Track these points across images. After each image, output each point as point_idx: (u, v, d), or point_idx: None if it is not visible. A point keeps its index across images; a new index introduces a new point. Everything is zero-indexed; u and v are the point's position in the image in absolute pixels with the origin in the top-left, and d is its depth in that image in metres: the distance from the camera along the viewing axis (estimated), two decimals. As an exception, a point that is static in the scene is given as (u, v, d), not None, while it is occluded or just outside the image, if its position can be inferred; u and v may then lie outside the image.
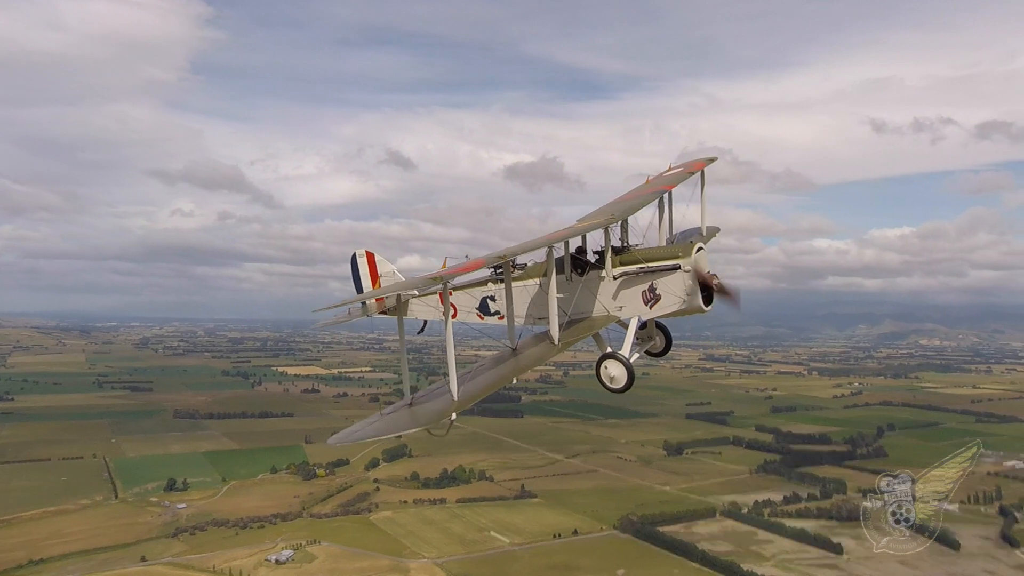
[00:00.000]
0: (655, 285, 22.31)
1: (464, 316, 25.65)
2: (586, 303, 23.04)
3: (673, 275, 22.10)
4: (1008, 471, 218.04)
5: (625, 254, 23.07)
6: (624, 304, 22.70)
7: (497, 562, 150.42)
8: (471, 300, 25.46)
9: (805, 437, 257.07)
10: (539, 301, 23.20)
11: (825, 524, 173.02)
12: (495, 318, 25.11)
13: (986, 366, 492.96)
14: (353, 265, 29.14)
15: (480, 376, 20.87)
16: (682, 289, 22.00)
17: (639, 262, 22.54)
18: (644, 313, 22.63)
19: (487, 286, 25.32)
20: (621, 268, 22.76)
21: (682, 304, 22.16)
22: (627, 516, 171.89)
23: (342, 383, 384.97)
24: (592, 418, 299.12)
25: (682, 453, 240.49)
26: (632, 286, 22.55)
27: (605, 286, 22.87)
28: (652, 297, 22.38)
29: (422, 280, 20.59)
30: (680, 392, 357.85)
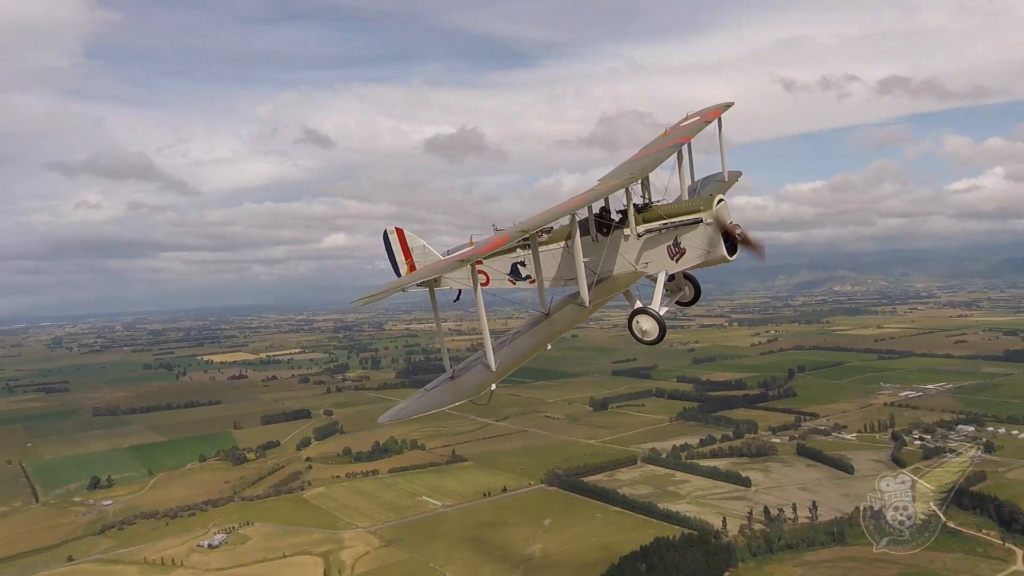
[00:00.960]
0: (679, 239, 22.89)
1: (496, 283, 26.45)
2: (613, 262, 23.64)
3: (696, 228, 22.68)
4: (902, 401, 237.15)
5: (648, 211, 23.57)
6: (650, 260, 23.31)
7: (429, 524, 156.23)
8: (502, 266, 26.26)
9: (722, 384, 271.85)
10: (567, 263, 23.77)
11: (737, 461, 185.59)
12: (526, 282, 25.79)
13: (891, 307, 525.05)
14: (385, 241, 29.93)
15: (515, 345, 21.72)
16: (705, 242, 22.64)
17: (662, 218, 23.09)
18: (670, 267, 23.26)
19: (516, 252, 25.98)
20: (645, 226, 23.27)
21: (706, 256, 22.83)
22: (553, 470, 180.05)
23: (271, 367, 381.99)
24: (522, 381, 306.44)
25: (607, 408, 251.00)
26: (657, 242, 23.14)
27: (630, 244, 23.41)
28: (677, 251, 22.97)
29: (451, 263, 21.57)
30: (607, 351, 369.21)
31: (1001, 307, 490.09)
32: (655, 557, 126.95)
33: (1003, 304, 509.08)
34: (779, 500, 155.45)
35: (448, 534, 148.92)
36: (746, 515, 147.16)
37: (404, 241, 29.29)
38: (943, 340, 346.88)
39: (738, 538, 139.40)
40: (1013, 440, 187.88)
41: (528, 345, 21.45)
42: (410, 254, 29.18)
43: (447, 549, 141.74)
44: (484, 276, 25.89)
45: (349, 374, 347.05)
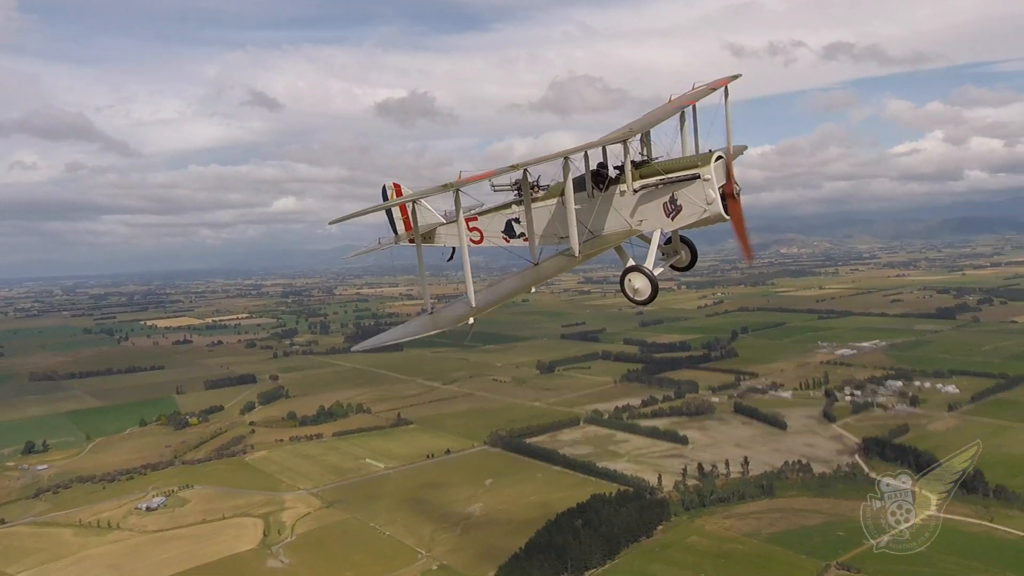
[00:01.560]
0: (676, 196, 22.39)
1: (490, 240, 26.09)
2: (608, 218, 23.24)
3: (693, 184, 22.17)
4: (838, 359, 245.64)
5: (645, 167, 23.13)
6: (646, 217, 22.83)
7: (371, 485, 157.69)
8: (496, 223, 25.82)
9: (667, 346, 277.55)
10: (562, 220, 23.25)
11: (676, 421, 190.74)
12: (521, 240, 25.34)
13: (834, 269, 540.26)
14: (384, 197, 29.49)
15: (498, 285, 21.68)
16: (702, 198, 22.11)
17: (659, 174, 22.63)
18: (666, 225, 22.81)
19: (511, 208, 25.51)
20: (641, 181, 22.79)
21: (703, 213, 22.29)
22: (496, 432, 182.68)
23: (217, 332, 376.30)
24: (471, 346, 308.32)
25: (554, 371, 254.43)
26: (653, 198, 22.67)
27: (626, 200, 22.94)
28: (673, 208, 22.49)
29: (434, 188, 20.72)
30: (557, 315, 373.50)
31: (937, 266, 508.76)
32: (591, 513, 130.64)
33: (939, 264, 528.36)
34: (714, 457, 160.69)
35: (389, 495, 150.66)
36: (681, 472, 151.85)
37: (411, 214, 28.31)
38: (880, 299, 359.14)
39: (672, 494, 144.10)
40: (937, 394, 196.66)
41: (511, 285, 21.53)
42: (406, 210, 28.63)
43: (388, 509, 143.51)
44: (478, 233, 25.75)
45: (297, 339, 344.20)
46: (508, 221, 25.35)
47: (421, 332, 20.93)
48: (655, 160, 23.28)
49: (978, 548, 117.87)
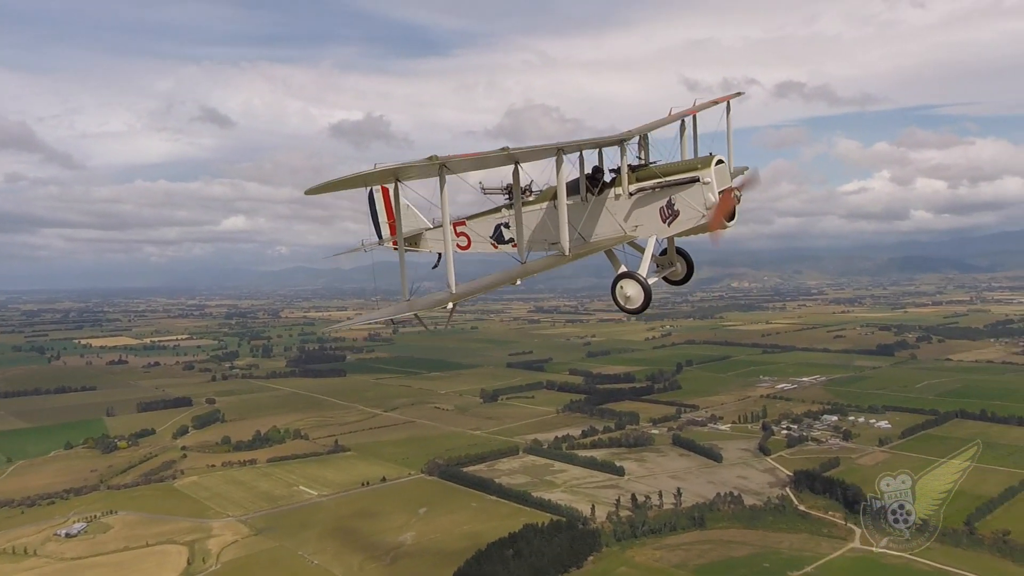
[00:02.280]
0: (673, 200, 21.57)
1: (478, 246, 25.31)
2: (601, 222, 22.50)
3: (691, 188, 21.31)
4: (778, 393, 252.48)
5: (642, 170, 22.49)
6: (641, 222, 22.02)
7: (302, 513, 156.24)
8: (485, 228, 25.05)
9: (611, 377, 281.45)
10: (553, 224, 22.42)
11: (615, 452, 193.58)
12: (509, 246, 24.44)
13: (782, 304, 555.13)
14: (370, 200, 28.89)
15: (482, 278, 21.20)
16: (701, 203, 21.25)
17: (656, 177, 21.93)
18: (662, 231, 22.00)
19: (500, 213, 24.72)
20: (638, 184, 22.03)
21: (702, 219, 21.40)
22: (433, 460, 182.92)
23: (154, 353, 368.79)
24: (416, 372, 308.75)
25: (497, 400, 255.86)
26: (649, 203, 21.91)
27: (621, 204, 22.20)
28: (670, 213, 21.63)
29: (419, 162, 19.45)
30: (505, 343, 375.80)
31: (881, 304, 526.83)
32: (522, 543, 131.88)
33: (883, 301, 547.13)
34: (649, 488, 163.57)
35: (321, 523, 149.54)
36: (614, 502, 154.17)
37: (388, 201, 28.25)
38: (824, 335, 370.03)
39: (605, 524, 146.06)
40: (870, 428, 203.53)
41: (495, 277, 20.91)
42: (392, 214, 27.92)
43: (318, 538, 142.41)
44: (465, 239, 25.21)
45: (237, 362, 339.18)
46: (497, 226, 24.82)
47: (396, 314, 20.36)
48: (652, 163, 22.80)
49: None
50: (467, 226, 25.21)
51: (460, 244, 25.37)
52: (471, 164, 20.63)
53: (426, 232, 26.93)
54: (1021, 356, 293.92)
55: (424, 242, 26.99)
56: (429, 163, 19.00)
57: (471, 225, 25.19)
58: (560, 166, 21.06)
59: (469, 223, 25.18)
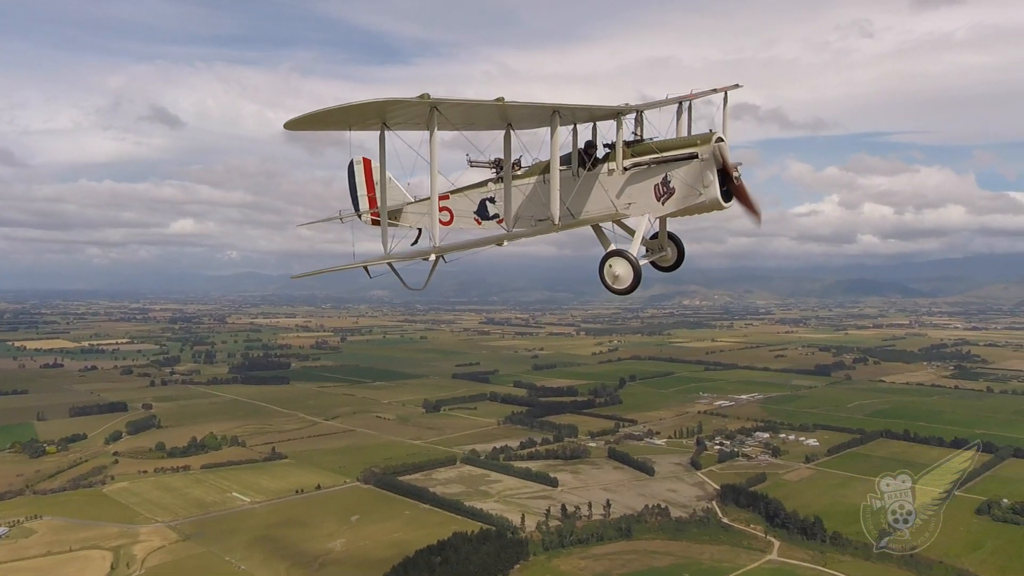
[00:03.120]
0: (669, 177, 20.91)
1: (461, 221, 24.31)
2: (592, 198, 21.81)
3: (689, 164, 20.69)
4: (716, 409, 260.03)
5: (638, 146, 21.78)
6: (634, 200, 21.37)
7: (233, 519, 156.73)
8: (469, 203, 24.11)
9: (555, 390, 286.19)
10: (542, 199, 21.79)
11: (551, 463, 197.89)
12: (494, 222, 23.74)
13: (730, 322, 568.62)
14: (350, 172, 27.84)
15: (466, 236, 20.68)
16: (699, 180, 20.58)
17: (653, 152, 21.27)
18: (656, 210, 21.35)
19: (487, 187, 23.94)
20: (633, 159, 21.36)
21: (698, 197, 20.67)
22: (370, 469, 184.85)
23: (92, 356, 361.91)
24: (361, 381, 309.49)
25: (440, 410, 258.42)
26: (644, 179, 21.25)
27: (614, 180, 21.51)
28: (665, 191, 20.96)
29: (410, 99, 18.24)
30: (453, 354, 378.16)
31: (825, 325, 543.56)
32: (450, 551, 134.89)
33: (827, 322, 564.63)
34: (580, 499, 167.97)
35: (251, 529, 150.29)
36: (545, 512, 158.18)
37: (370, 174, 27.37)
38: (766, 354, 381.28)
39: (534, 533, 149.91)
40: (799, 446, 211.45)
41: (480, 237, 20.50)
42: (374, 187, 27.26)
43: (246, 544, 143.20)
44: (448, 213, 24.18)
45: (179, 367, 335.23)
46: (482, 201, 23.93)
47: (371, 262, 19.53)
48: (650, 139, 22.11)
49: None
50: (450, 200, 23.93)
51: (442, 219, 23.92)
52: (463, 112, 19.88)
53: (407, 206, 25.90)
54: (950, 379, 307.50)
55: (405, 216, 25.89)
56: (420, 101, 18.05)
57: (455, 199, 24.00)
58: (555, 129, 20.34)
59: (452, 197, 23.97)
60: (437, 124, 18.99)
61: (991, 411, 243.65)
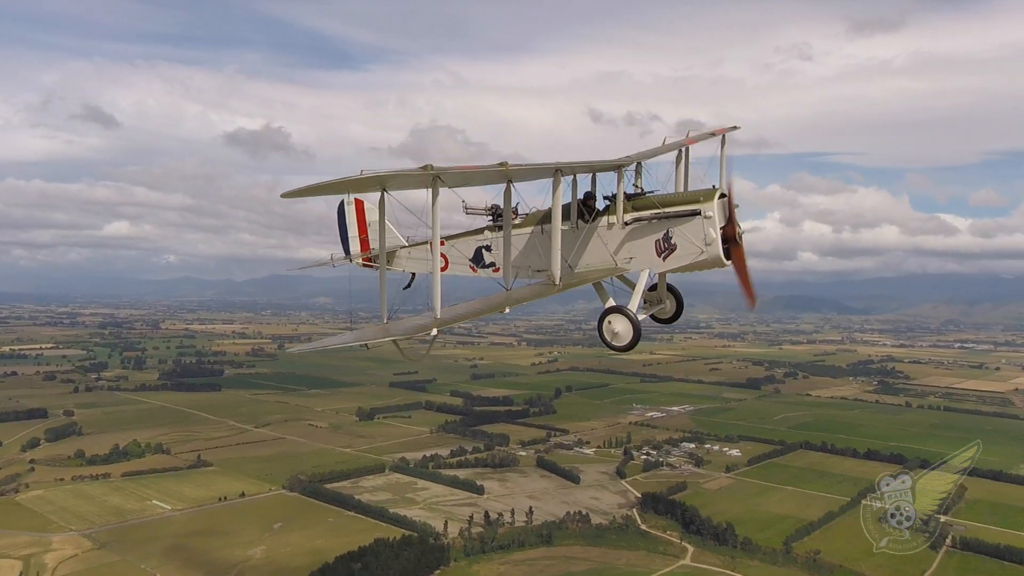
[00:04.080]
0: (670, 233, 20.88)
1: (456, 268, 24.19)
2: (592, 252, 21.76)
3: (692, 221, 20.71)
4: (647, 420, 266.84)
5: (639, 200, 21.80)
6: (634, 255, 21.29)
7: (151, 528, 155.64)
8: (465, 250, 24.07)
9: (491, 400, 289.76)
10: (540, 251, 21.72)
11: (479, 472, 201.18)
12: (490, 271, 23.65)
13: (670, 336, 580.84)
14: (340, 213, 27.54)
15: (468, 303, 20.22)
16: (701, 238, 20.61)
17: (654, 207, 21.24)
18: (656, 265, 21.22)
19: (483, 235, 23.86)
20: (634, 214, 21.34)
21: (700, 255, 20.69)
22: (296, 476, 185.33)
23: (13, 362, 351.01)
24: (296, 389, 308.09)
25: (373, 419, 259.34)
26: (644, 235, 21.21)
27: (614, 234, 21.50)
28: (666, 247, 20.92)
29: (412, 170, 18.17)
30: (391, 363, 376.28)
31: (762, 340, 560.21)
32: (371, 557, 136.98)
33: (764, 337, 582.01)
34: (504, 506, 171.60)
35: (169, 537, 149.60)
36: (468, 519, 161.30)
37: (363, 215, 27.11)
38: (701, 367, 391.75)
39: (456, 540, 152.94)
40: (722, 456, 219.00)
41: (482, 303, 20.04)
42: (365, 229, 27.08)
43: (163, 552, 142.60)
44: (443, 260, 24.10)
45: (106, 373, 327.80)
46: (478, 248, 23.98)
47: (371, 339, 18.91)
48: (650, 193, 22.19)
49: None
50: (446, 247, 23.97)
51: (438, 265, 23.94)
52: (465, 178, 19.89)
53: (400, 250, 26.00)
54: (872, 394, 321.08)
55: (397, 260, 25.91)
56: (423, 172, 17.80)
57: (450, 245, 24.12)
58: (557, 187, 20.31)
59: (447, 244, 24.02)
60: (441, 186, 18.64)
61: (907, 425, 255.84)
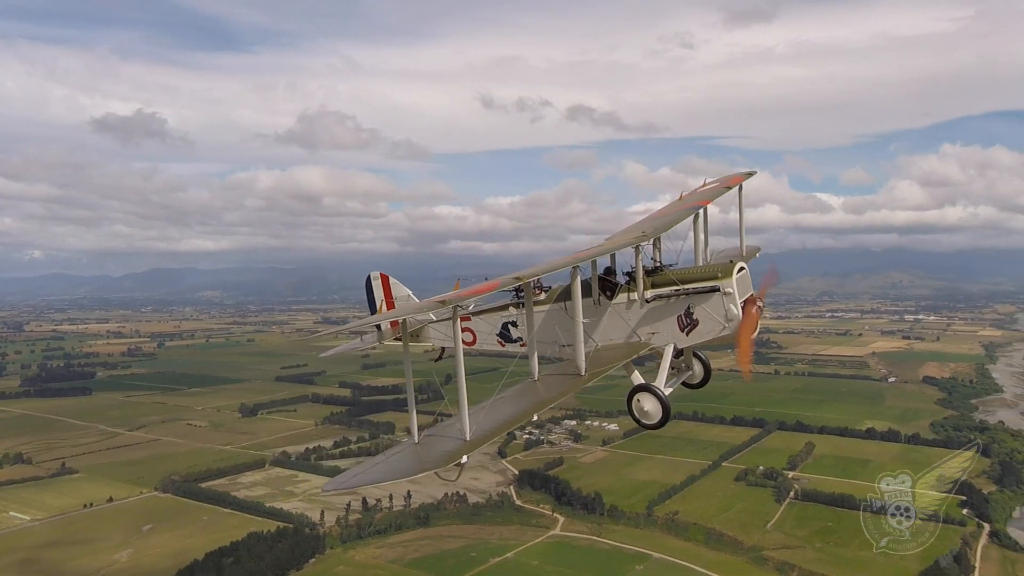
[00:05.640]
0: (692, 309, 21.10)
1: (484, 343, 25.14)
2: (615, 329, 22.00)
3: (712, 298, 20.93)
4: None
5: (658, 275, 21.92)
6: (657, 330, 21.49)
7: (7, 539, 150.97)
8: (491, 326, 24.66)
9: (380, 389, 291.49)
10: (564, 327, 21.97)
11: (363, 460, 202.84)
12: (517, 345, 24.05)
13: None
14: (368, 288, 28.46)
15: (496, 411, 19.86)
16: (722, 314, 20.80)
17: (673, 283, 21.39)
18: (680, 340, 21.44)
19: (508, 311, 24.21)
20: (654, 291, 21.53)
21: (722, 331, 20.92)
22: (170, 477, 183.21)
23: None
24: (175, 389, 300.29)
25: (257, 414, 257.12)
26: (666, 311, 21.37)
27: (636, 311, 21.70)
28: (688, 323, 21.17)
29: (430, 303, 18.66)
30: (280, 356, 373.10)
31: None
32: (243, 551, 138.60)
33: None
34: (383, 492, 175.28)
35: (25, 549, 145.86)
36: (345, 507, 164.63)
37: (388, 288, 28.00)
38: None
39: (333, 528, 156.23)
40: (601, 431, 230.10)
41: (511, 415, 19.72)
42: (393, 303, 27.95)
43: (18, 564, 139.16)
44: (471, 335, 25.11)
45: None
46: (505, 324, 24.42)
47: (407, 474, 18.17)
48: (669, 267, 22.42)
49: (578, 558, 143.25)
50: (472, 322, 25.00)
51: (465, 340, 24.92)
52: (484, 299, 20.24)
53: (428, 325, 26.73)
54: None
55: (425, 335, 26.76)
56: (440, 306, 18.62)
57: (476, 321, 24.97)
58: (575, 284, 20.43)
59: (474, 319, 24.96)
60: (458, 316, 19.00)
61: (773, 392, 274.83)
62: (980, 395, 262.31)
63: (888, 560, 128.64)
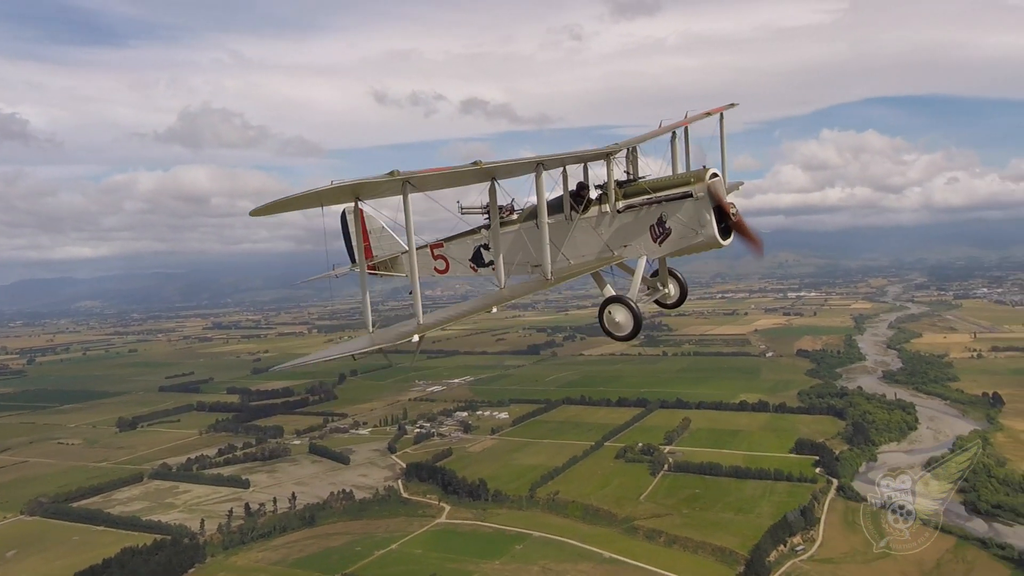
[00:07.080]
0: (664, 217, 21.03)
1: (457, 269, 24.63)
2: (587, 242, 21.94)
3: (684, 204, 20.79)
4: (427, 395, 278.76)
5: (630, 186, 21.84)
6: (630, 242, 21.45)
7: None
8: (464, 251, 24.36)
9: (269, 393, 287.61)
10: (536, 245, 21.58)
11: (248, 466, 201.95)
12: (489, 269, 23.65)
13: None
14: (343, 222, 27.81)
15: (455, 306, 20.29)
16: (695, 220, 20.70)
17: (645, 193, 21.35)
18: (652, 251, 21.44)
19: (480, 234, 23.96)
20: (626, 201, 21.46)
21: (695, 237, 20.82)
22: (36, 499, 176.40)
23: None
24: (46, 407, 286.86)
25: (136, 427, 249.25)
26: (638, 220, 21.34)
27: (608, 223, 21.62)
28: (661, 232, 21.09)
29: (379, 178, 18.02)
30: (164, 366, 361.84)
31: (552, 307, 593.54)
32: (116, 567, 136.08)
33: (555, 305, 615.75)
34: (268, 496, 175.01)
35: None
36: (227, 514, 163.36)
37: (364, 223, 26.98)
38: (488, 339, 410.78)
39: (214, 536, 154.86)
40: (491, 420, 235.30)
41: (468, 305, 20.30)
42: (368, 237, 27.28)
43: None
44: (444, 262, 24.86)
45: None
46: (477, 248, 24.32)
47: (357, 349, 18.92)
48: (642, 179, 22.35)
49: (460, 543, 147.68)
50: (445, 248, 24.71)
51: (438, 268, 25.03)
52: (438, 180, 19.77)
53: (403, 256, 26.46)
54: (636, 347, 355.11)
55: (401, 266, 26.67)
56: (390, 179, 17.94)
57: (449, 248, 24.68)
58: (540, 183, 20.43)
59: (447, 245, 24.67)
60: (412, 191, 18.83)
61: (659, 373, 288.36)
62: (845, 364, 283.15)
63: (746, 519, 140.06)
